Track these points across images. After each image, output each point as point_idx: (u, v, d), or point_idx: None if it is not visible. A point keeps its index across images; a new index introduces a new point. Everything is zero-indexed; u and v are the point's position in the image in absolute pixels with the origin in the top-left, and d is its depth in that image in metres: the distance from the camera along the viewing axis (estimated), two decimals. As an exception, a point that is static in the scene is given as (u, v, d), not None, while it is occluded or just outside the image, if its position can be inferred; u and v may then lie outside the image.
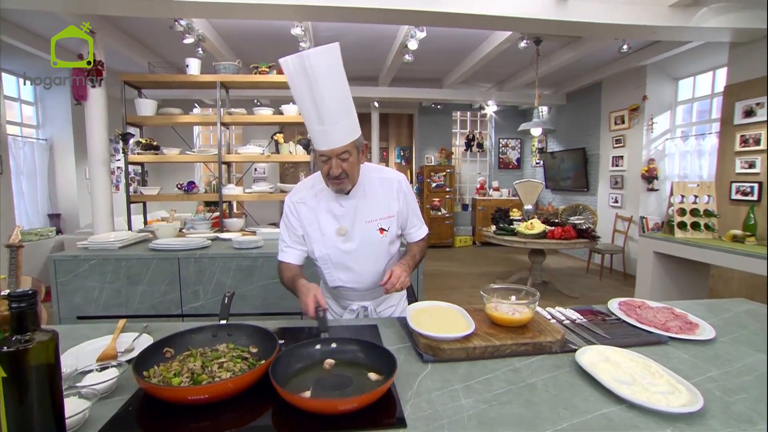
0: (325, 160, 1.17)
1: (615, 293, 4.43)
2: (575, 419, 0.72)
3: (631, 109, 4.98)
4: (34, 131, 4.93)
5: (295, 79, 1.08)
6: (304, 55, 1.05)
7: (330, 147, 1.14)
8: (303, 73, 1.06)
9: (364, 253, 1.31)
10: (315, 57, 1.04)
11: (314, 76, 1.05)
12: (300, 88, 1.09)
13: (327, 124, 1.11)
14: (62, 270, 2.16)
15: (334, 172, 1.17)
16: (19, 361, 0.53)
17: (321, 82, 1.06)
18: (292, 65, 1.07)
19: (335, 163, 1.16)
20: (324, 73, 1.06)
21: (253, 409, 0.77)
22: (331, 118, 1.11)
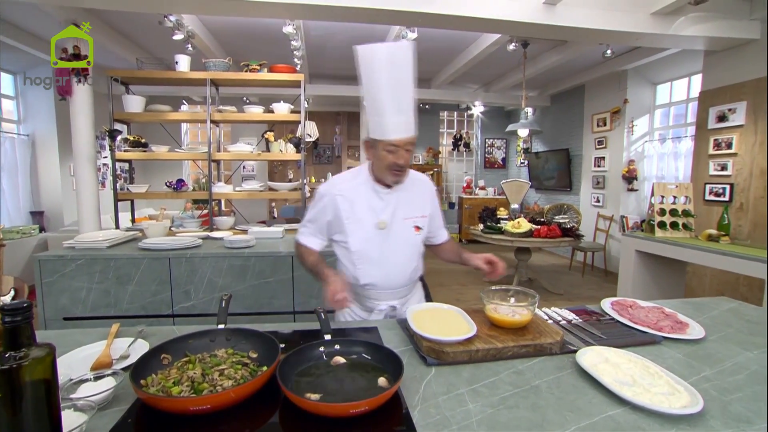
0: (392, 150, 1.20)
1: (597, 290, 4.56)
2: (582, 422, 0.73)
3: (612, 111, 5.13)
4: (15, 126, 4.72)
5: (378, 68, 1.14)
6: (393, 46, 1.15)
7: (405, 135, 1.19)
8: (389, 63, 1.13)
9: (399, 250, 1.32)
10: (402, 49, 1.14)
11: (400, 67, 1.14)
12: (381, 78, 1.14)
13: (404, 114, 1.18)
14: (47, 270, 2.06)
15: (402, 162, 1.21)
16: (13, 379, 0.50)
17: (404, 74, 1.15)
18: (377, 54, 1.14)
19: (402, 153, 1.21)
20: (408, 66, 1.15)
21: (256, 416, 0.75)
22: (407, 109, 1.18)
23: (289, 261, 2.33)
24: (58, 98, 3.03)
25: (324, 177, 8.13)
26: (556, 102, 6.50)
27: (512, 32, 3.56)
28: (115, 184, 3.08)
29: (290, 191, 3.52)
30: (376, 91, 1.17)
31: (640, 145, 5.09)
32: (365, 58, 1.15)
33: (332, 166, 8.19)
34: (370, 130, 1.24)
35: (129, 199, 3.29)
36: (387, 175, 1.25)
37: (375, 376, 0.85)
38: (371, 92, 1.18)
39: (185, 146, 6.66)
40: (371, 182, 1.30)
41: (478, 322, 1.11)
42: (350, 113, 7.89)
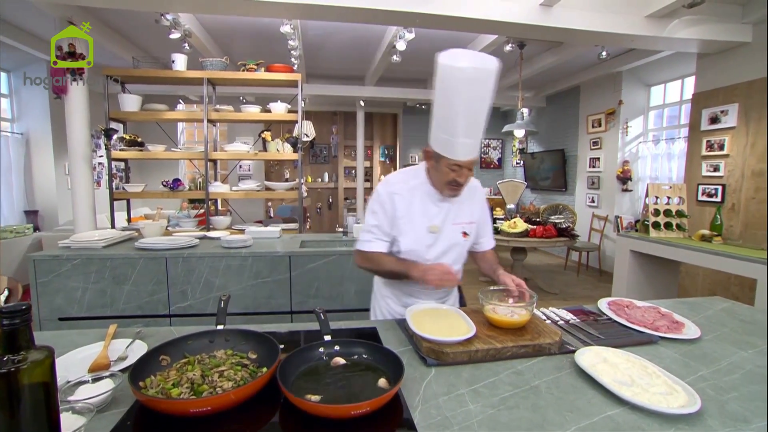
0: (455, 169, 1.19)
1: (592, 289, 4.59)
2: (582, 422, 0.73)
3: (607, 112, 5.17)
4: (9, 125, 4.66)
5: (457, 86, 1.08)
6: (479, 62, 1.07)
7: (470, 157, 1.18)
8: (470, 81, 1.07)
9: (446, 253, 1.33)
10: (486, 69, 1.07)
11: (480, 89, 1.09)
12: (460, 98, 1.09)
13: (473, 137, 1.15)
14: (42, 270, 2.04)
15: (463, 181, 1.22)
16: (11, 383, 0.49)
17: (483, 98, 1.11)
18: (460, 67, 1.06)
19: (465, 172, 1.20)
20: (489, 90, 1.10)
21: (257, 417, 0.75)
22: (478, 132, 1.16)
23: (286, 261, 2.33)
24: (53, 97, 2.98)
25: (320, 176, 8.12)
26: (552, 103, 6.54)
27: (509, 33, 3.57)
28: (111, 184, 3.05)
29: (287, 191, 3.51)
30: (450, 110, 1.12)
31: (635, 146, 5.13)
32: (446, 73, 1.08)
33: (329, 165, 8.17)
34: (435, 144, 1.21)
35: (125, 199, 3.27)
36: (445, 189, 1.25)
37: (375, 377, 0.85)
38: (445, 109, 1.14)
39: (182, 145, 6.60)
40: (428, 186, 1.30)
41: (477, 322, 1.11)
42: (347, 113, 7.88)
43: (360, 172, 7.69)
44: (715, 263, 2.70)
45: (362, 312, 2.47)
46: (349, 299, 2.44)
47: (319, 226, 8.21)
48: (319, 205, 8.24)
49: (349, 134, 8.02)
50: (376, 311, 1.48)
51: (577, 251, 5.25)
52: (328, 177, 8.11)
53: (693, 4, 3.10)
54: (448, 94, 1.11)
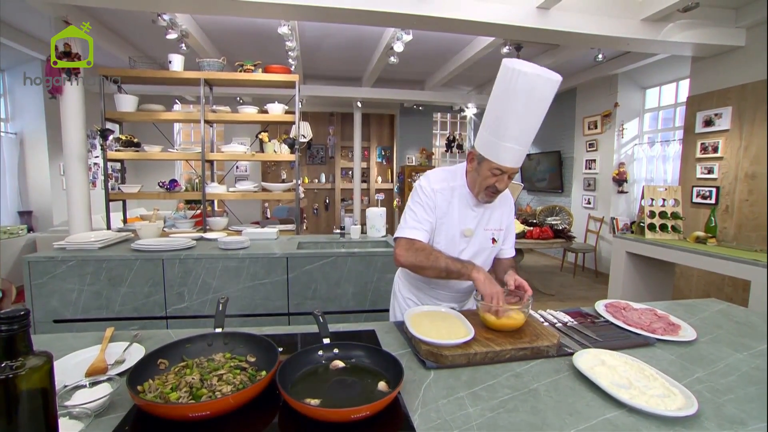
0: (497, 174, 1.20)
1: (588, 290, 4.61)
2: (581, 425, 0.74)
3: (603, 114, 5.20)
4: (3, 124, 4.62)
5: (518, 93, 1.09)
6: (542, 76, 1.08)
7: (515, 165, 1.18)
8: (530, 91, 1.08)
9: (474, 256, 1.34)
10: (548, 84, 1.09)
11: (538, 100, 1.10)
12: (518, 104, 1.10)
13: (523, 145, 1.16)
14: (37, 272, 2.02)
15: (502, 188, 1.23)
16: (9, 389, 0.49)
17: (541, 108, 1.12)
18: (524, 76, 1.07)
19: (505, 179, 1.21)
20: (546, 101, 1.12)
21: (256, 421, 0.75)
22: (528, 141, 1.17)
23: (283, 262, 2.32)
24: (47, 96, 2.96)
25: (317, 177, 8.10)
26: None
27: (506, 36, 3.59)
28: (107, 184, 3.03)
29: (284, 192, 3.50)
30: (505, 114, 1.13)
31: (630, 148, 5.17)
32: (508, 75, 1.10)
33: (325, 166, 8.17)
34: (481, 146, 1.21)
35: (121, 200, 3.24)
36: (482, 193, 1.26)
37: (375, 380, 0.85)
38: (499, 112, 1.14)
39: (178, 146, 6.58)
40: (466, 189, 1.32)
41: (475, 324, 1.12)
42: (344, 114, 7.88)
43: (357, 172, 7.69)
44: (709, 265, 2.72)
45: (360, 313, 2.47)
46: (346, 301, 2.43)
47: (316, 227, 8.19)
48: (316, 205, 8.23)
49: (346, 135, 8.01)
50: (396, 312, 1.50)
51: (573, 252, 5.28)
52: (325, 178, 8.11)
53: (688, 8, 3.14)
54: (505, 96, 1.12)
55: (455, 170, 1.37)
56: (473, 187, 1.29)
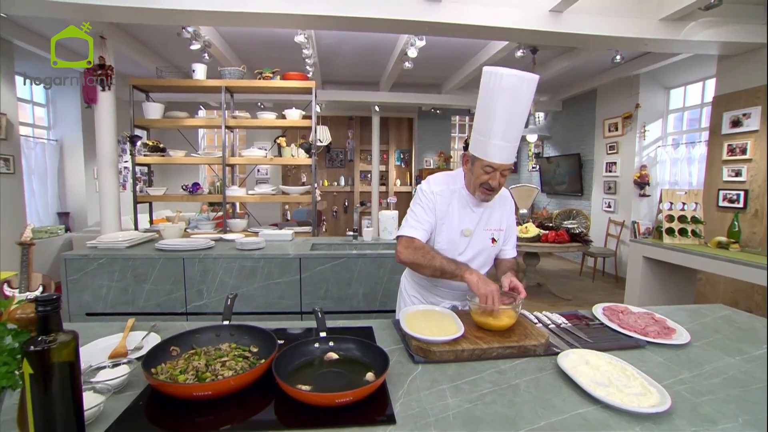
0: (489, 171, 1.27)
1: (606, 296, 4.51)
2: (553, 418, 0.78)
3: (624, 116, 5.08)
4: (46, 132, 4.99)
5: (502, 95, 1.18)
6: (519, 76, 1.17)
7: (504, 162, 1.25)
8: (512, 90, 1.17)
9: (475, 257, 1.40)
10: (527, 82, 1.18)
11: (518, 99, 1.19)
12: (498, 103, 1.19)
13: (509, 141, 1.23)
14: (72, 268, 2.21)
15: (495, 185, 1.28)
16: (44, 360, 0.59)
17: (521, 105, 1.20)
18: (502, 79, 1.17)
19: (498, 176, 1.27)
20: (526, 99, 1.20)
21: (254, 404, 0.82)
22: (514, 137, 1.24)
23: (297, 263, 2.42)
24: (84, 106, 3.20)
25: (336, 180, 8.25)
26: (568, 106, 6.47)
27: (519, 40, 3.59)
28: (135, 187, 3.24)
29: (302, 195, 3.62)
30: (489, 114, 1.21)
31: (653, 150, 5.03)
32: (490, 82, 1.20)
33: (345, 169, 8.30)
34: (473, 147, 1.29)
35: (147, 202, 3.45)
36: (477, 192, 1.32)
37: (364, 370, 0.92)
38: (484, 113, 1.23)
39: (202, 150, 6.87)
40: (465, 191, 1.38)
41: (469, 324, 1.16)
42: (362, 118, 8.00)
43: (375, 176, 7.79)
44: (731, 271, 2.63)
45: (370, 313, 2.53)
46: (357, 301, 2.50)
47: (335, 230, 8.33)
48: (335, 208, 8.37)
49: (365, 139, 8.13)
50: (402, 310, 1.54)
51: (592, 257, 5.17)
52: (344, 181, 8.24)
53: (710, 6, 3.05)
54: (488, 98, 1.21)
55: (455, 174, 1.44)
56: (470, 186, 1.36)
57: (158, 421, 0.76)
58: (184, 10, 2.67)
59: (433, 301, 1.48)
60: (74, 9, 2.75)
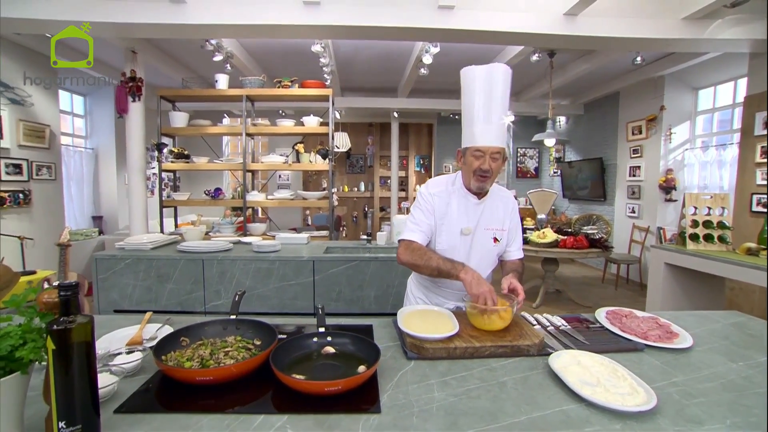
0: (479, 156, 1.33)
1: (629, 304, 4.33)
2: (534, 414, 0.80)
3: (648, 119, 4.92)
4: (83, 141, 5.37)
5: (476, 84, 1.32)
6: (491, 66, 1.32)
7: (490, 143, 1.32)
8: (486, 79, 1.31)
9: (476, 256, 1.44)
10: (497, 69, 1.32)
11: (493, 83, 1.31)
12: (477, 91, 1.32)
13: (492, 125, 1.31)
14: (102, 267, 2.37)
15: (486, 167, 1.32)
16: (64, 338, 0.66)
17: (497, 88, 1.31)
18: (477, 73, 1.32)
19: (488, 160, 1.32)
20: (501, 82, 1.32)
21: (254, 391, 0.88)
22: (496, 121, 1.32)
23: (310, 265, 2.50)
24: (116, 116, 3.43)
25: (357, 186, 8.37)
26: (590, 110, 6.33)
27: (533, 44, 3.58)
28: (161, 192, 3.43)
29: (319, 200, 3.72)
30: (469, 103, 1.33)
31: (680, 154, 4.84)
32: (466, 77, 1.34)
33: (365, 175, 8.41)
34: (462, 140, 1.39)
35: (173, 206, 3.64)
36: (472, 179, 1.36)
37: (357, 364, 0.96)
38: (466, 104, 1.35)
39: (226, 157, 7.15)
40: (464, 191, 1.43)
41: (465, 324, 1.19)
42: (382, 124, 8.10)
43: (394, 181, 7.84)
44: (759, 279, 2.51)
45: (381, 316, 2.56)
46: (369, 303, 2.55)
47: (355, 235, 8.43)
48: (355, 213, 8.48)
49: (384, 145, 8.22)
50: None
51: (615, 263, 5.00)
52: (364, 186, 8.34)
53: (736, 3, 2.96)
54: (468, 90, 1.34)
55: (454, 176, 1.48)
56: (465, 178, 1.40)
57: (165, 401, 0.83)
58: (207, 24, 2.84)
59: (437, 302, 1.50)
60: (111, 28, 2.98)
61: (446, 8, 2.97)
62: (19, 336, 0.67)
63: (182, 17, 2.80)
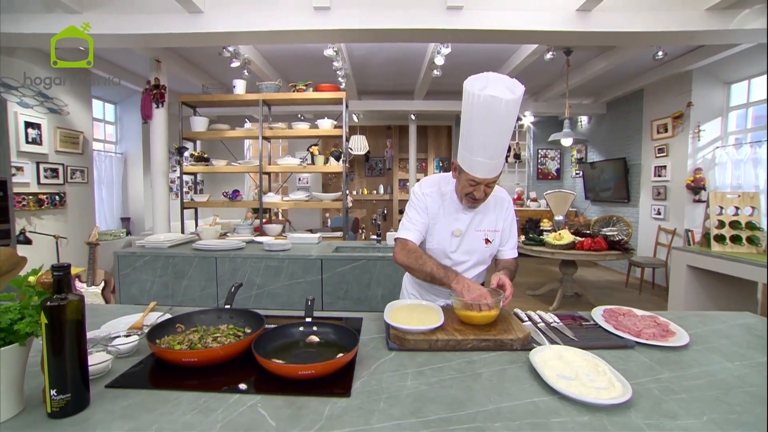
0: (473, 184, 1.29)
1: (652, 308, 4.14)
2: (503, 403, 0.80)
3: (674, 116, 4.71)
4: (114, 146, 5.72)
5: (481, 114, 1.17)
6: (494, 96, 1.12)
7: (486, 176, 1.26)
8: (487, 110, 1.15)
9: (467, 257, 1.45)
10: (504, 103, 1.13)
11: (500, 117, 1.16)
12: (480, 121, 1.18)
13: (493, 158, 1.23)
14: (123, 264, 2.52)
15: (479, 196, 1.30)
16: (56, 314, 0.73)
17: (504, 124, 1.18)
18: (481, 100, 1.14)
19: (482, 188, 1.29)
20: (509, 116, 1.17)
21: (237, 374, 0.92)
22: (497, 154, 1.24)
23: (318, 264, 2.55)
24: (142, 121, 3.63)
25: (375, 189, 8.44)
26: (613, 109, 6.12)
27: (546, 42, 3.52)
28: (182, 194, 3.60)
29: (333, 201, 3.79)
30: (470, 131, 1.21)
31: (710, 152, 4.60)
32: (467, 96, 1.18)
33: (383, 178, 8.46)
34: (459, 159, 1.30)
35: (193, 208, 3.81)
36: (464, 199, 1.35)
37: (338, 352, 0.99)
38: (466, 128, 1.23)
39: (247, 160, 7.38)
40: (455, 195, 1.41)
41: (452, 318, 1.20)
42: (400, 127, 8.13)
43: (413, 184, 7.85)
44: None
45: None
46: (376, 302, 2.58)
47: (373, 236, 8.47)
48: (374, 216, 8.54)
49: (403, 147, 8.24)
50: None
51: (638, 267, 4.79)
52: (383, 189, 8.39)
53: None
54: (469, 116, 1.20)
55: (448, 176, 1.47)
56: (458, 193, 1.39)
57: (153, 380, 0.89)
58: (222, 32, 2.98)
59: (429, 299, 1.51)
60: (138, 39, 3.16)
61: (455, 9, 2.97)
62: (17, 311, 0.74)
63: (199, 26, 2.95)
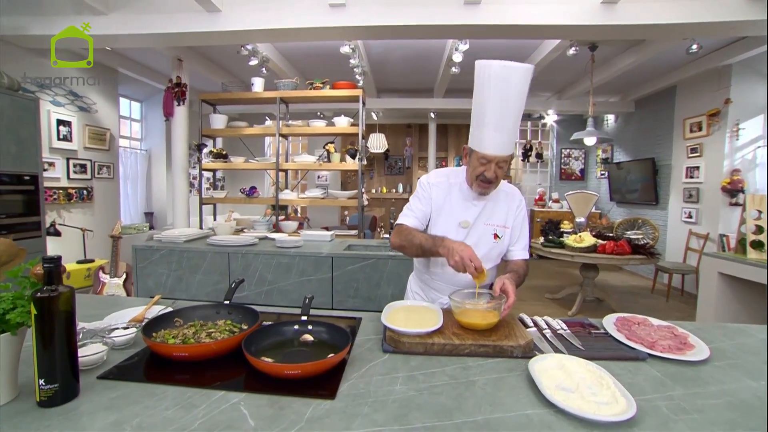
0: (484, 163, 1.26)
1: (680, 317, 3.94)
2: (494, 415, 0.75)
3: (710, 114, 4.44)
4: (139, 143, 5.94)
5: (492, 84, 1.18)
6: (509, 67, 1.16)
7: (498, 153, 1.24)
8: (502, 78, 1.17)
9: (475, 250, 1.37)
10: (515, 71, 1.16)
11: (511, 89, 1.18)
12: (492, 94, 1.19)
13: (503, 133, 1.22)
14: (140, 257, 2.60)
15: (490, 176, 1.27)
16: (47, 305, 0.74)
17: (514, 96, 1.19)
18: (492, 69, 1.17)
19: (493, 168, 1.26)
20: (520, 89, 1.19)
21: (229, 371, 0.92)
22: (509, 129, 1.22)
23: (329, 262, 2.55)
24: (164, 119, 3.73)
25: (395, 187, 8.40)
26: (642, 107, 5.83)
27: (568, 37, 3.38)
28: (201, 191, 3.68)
29: (349, 198, 3.79)
30: (481, 104, 1.22)
31: (750, 152, 4.31)
32: (480, 72, 1.20)
33: (403, 176, 8.41)
34: (470, 139, 1.30)
35: (212, 203, 3.89)
36: (475, 184, 1.31)
37: (330, 352, 0.97)
38: (478, 105, 1.23)
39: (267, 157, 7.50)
40: (465, 185, 1.39)
41: (452, 321, 1.16)
42: (420, 125, 8.06)
43: (430, 183, 7.76)
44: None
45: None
46: (386, 301, 2.48)
47: (391, 235, 8.44)
48: (392, 215, 8.51)
49: (423, 146, 8.17)
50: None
51: (666, 272, 4.55)
52: (402, 188, 8.35)
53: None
54: (481, 90, 1.20)
55: (458, 169, 1.44)
56: (469, 179, 1.35)
57: (144, 373, 0.90)
58: (239, 30, 3.03)
59: (433, 297, 1.48)
60: (160, 38, 3.26)
61: (473, 3, 2.90)
62: (10, 301, 0.76)
63: (218, 25, 3.00)
